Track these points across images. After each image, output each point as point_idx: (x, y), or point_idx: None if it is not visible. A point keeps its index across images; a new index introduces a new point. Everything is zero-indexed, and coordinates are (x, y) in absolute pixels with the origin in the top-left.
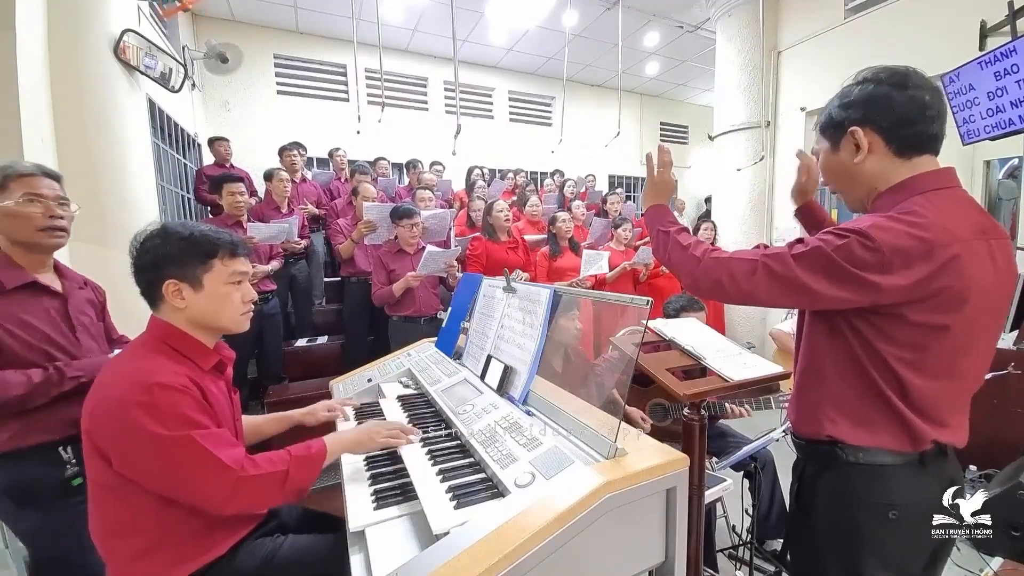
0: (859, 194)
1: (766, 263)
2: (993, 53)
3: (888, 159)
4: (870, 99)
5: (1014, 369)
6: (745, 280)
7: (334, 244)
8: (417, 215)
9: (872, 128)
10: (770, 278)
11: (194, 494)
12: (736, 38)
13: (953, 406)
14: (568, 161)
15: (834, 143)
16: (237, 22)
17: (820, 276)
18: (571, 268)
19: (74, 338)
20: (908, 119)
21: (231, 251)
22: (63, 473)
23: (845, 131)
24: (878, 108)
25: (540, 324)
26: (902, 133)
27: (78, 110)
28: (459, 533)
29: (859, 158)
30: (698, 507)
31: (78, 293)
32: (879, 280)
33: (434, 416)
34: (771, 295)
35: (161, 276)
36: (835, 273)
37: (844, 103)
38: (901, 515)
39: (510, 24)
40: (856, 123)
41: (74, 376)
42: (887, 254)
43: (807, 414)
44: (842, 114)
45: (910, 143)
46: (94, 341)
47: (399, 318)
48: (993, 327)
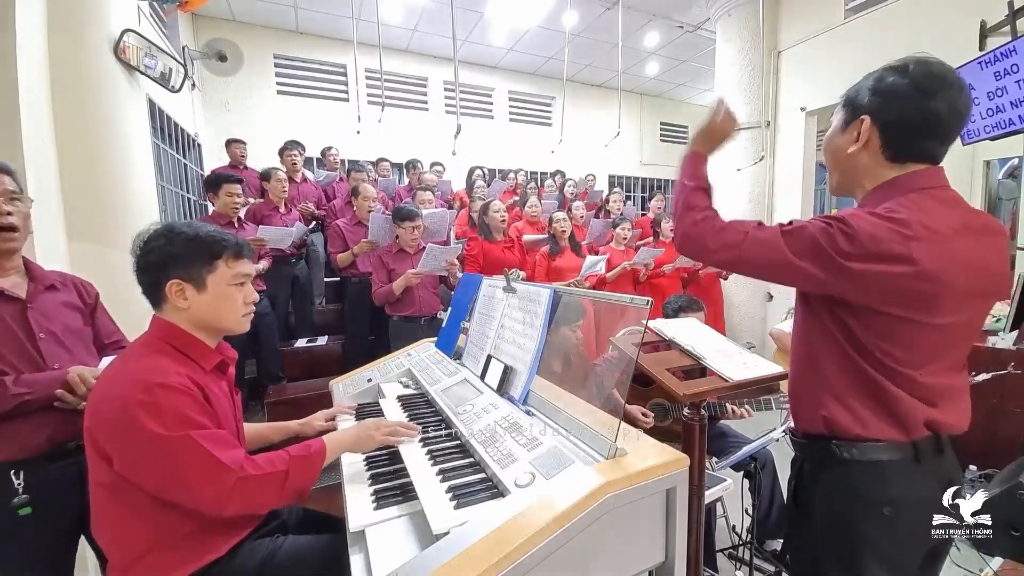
0: (843, 180)
1: (755, 232)
2: (993, 53)
3: (879, 159)
4: (893, 96)
5: (1014, 369)
6: (733, 240)
7: (331, 250)
8: (419, 217)
9: (877, 126)
10: (755, 244)
11: (193, 495)
12: (736, 38)
13: (943, 386)
14: (568, 161)
15: (845, 122)
16: (237, 22)
17: (803, 254)
18: (571, 268)
19: (34, 348)
20: (916, 132)
21: (236, 253)
22: (10, 501)
23: (858, 116)
24: (892, 110)
25: (540, 324)
26: (902, 140)
27: (78, 110)
28: (459, 533)
29: (853, 148)
30: (698, 507)
31: (46, 296)
32: (852, 265)
33: (434, 416)
34: (752, 259)
35: (165, 276)
36: (817, 255)
37: (874, 87)
38: (895, 512)
39: (510, 24)
40: (868, 113)
41: (17, 393)
42: (864, 241)
43: (802, 402)
44: (865, 98)
45: (906, 152)
46: (65, 349)
47: (399, 318)
48: (974, 323)
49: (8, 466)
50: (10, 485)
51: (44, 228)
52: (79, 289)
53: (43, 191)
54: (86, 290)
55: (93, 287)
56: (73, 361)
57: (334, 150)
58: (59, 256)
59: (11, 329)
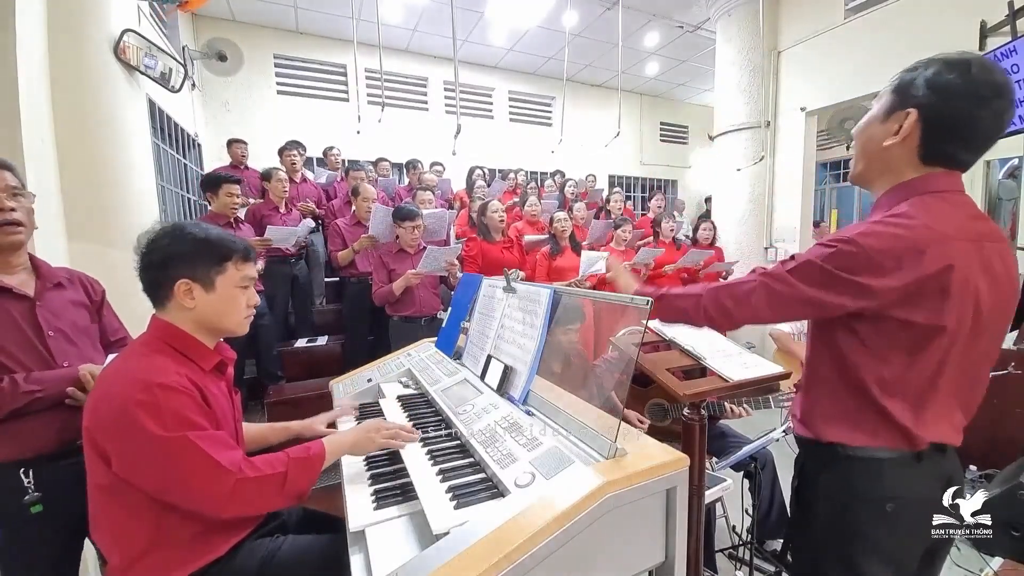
0: (865, 171)
1: (764, 282)
2: (993, 53)
3: (910, 158)
4: (949, 96)
5: (1014, 369)
6: (747, 300)
7: (331, 249)
8: (419, 217)
9: (921, 123)
10: (769, 295)
11: (191, 496)
12: (736, 38)
13: (949, 407)
14: (568, 161)
15: (889, 110)
16: (237, 22)
17: (815, 286)
18: (571, 268)
19: (43, 345)
20: (960, 137)
21: (244, 255)
22: (21, 499)
23: (906, 107)
24: (944, 111)
25: (540, 324)
26: (942, 142)
27: (78, 110)
28: (459, 533)
29: (891, 141)
30: (698, 507)
31: (54, 293)
32: (870, 282)
33: (434, 416)
34: (773, 311)
35: (173, 275)
36: (829, 281)
37: (932, 81)
38: (897, 508)
39: (510, 24)
40: (917, 107)
41: (29, 391)
42: (874, 257)
43: (808, 418)
44: (920, 89)
45: (941, 155)
46: (74, 346)
47: (399, 318)
48: (992, 332)
49: (18, 464)
50: (20, 483)
51: (44, 228)
52: (86, 286)
53: (43, 191)
54: (92, 287)
55: (99, 284)
56: (81, 358)
57: (336, 150)
58: (59, 256)
59: (20, 327)
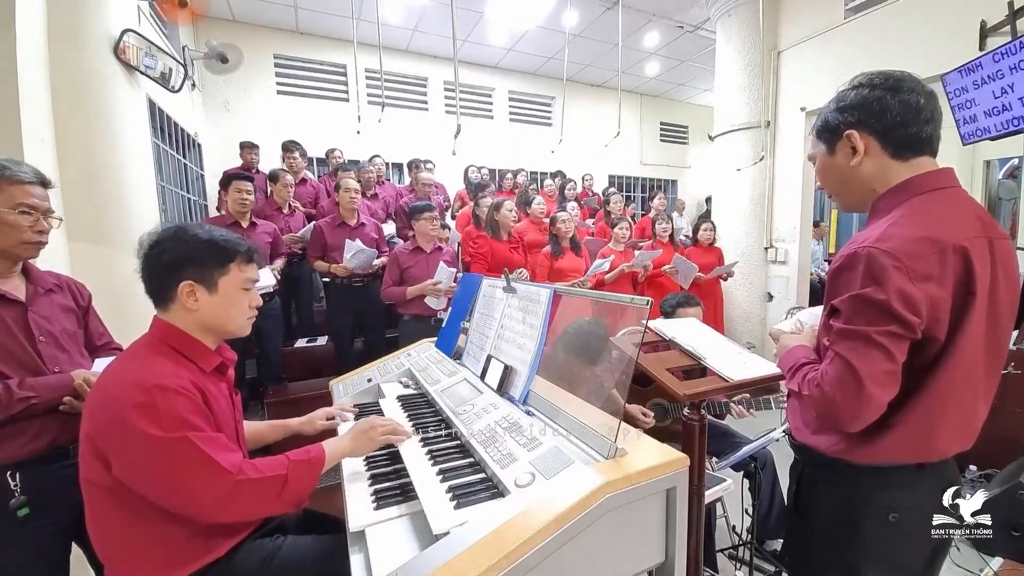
0: (855, 196)
1: (826, 376)
2: (993, 53)
3: (884, 161)
4: (865, 103)
5: (1014, 369)
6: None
7: (310, 252)
8: (433, 208)
9: (867, 131)
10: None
11: (189, 499)
12: (736, 38)
13: (963, 416)
14: (568, 161)
15: (830, 146)
16: (237, 22)
17: (895, 340)
18: (572, 268)
19: (34, 351)
20: (902, 122)
21: (247, 257)
22: (7, 502)
23: (841, 135)
24: (872, 111)
25: (540, 324)
26: (897, 135)
27: (78, 110)
28: (459, 533)
29: (855, 160)
30: (698, 507)
31: (45, 299)
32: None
33: (434, 416)
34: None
35: (178, 276)
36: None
37: (840, 107)
38: (901, 517)
39: (510, 24)
40: (852, 126)
41: (24, 397)
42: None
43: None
44: (837, 118)
45: (905, 144)
46: (64, 352)
47: (410, 317)
48: (1001, 329)
49: (3, 468)
50: (7, 487)
51: None
52: (73, 291)
53: None
54: (80, 292)
55: (86, 289)
56: (71, 364)
57: (338, 152)
58: (59, 256)
59: (12, 332)
